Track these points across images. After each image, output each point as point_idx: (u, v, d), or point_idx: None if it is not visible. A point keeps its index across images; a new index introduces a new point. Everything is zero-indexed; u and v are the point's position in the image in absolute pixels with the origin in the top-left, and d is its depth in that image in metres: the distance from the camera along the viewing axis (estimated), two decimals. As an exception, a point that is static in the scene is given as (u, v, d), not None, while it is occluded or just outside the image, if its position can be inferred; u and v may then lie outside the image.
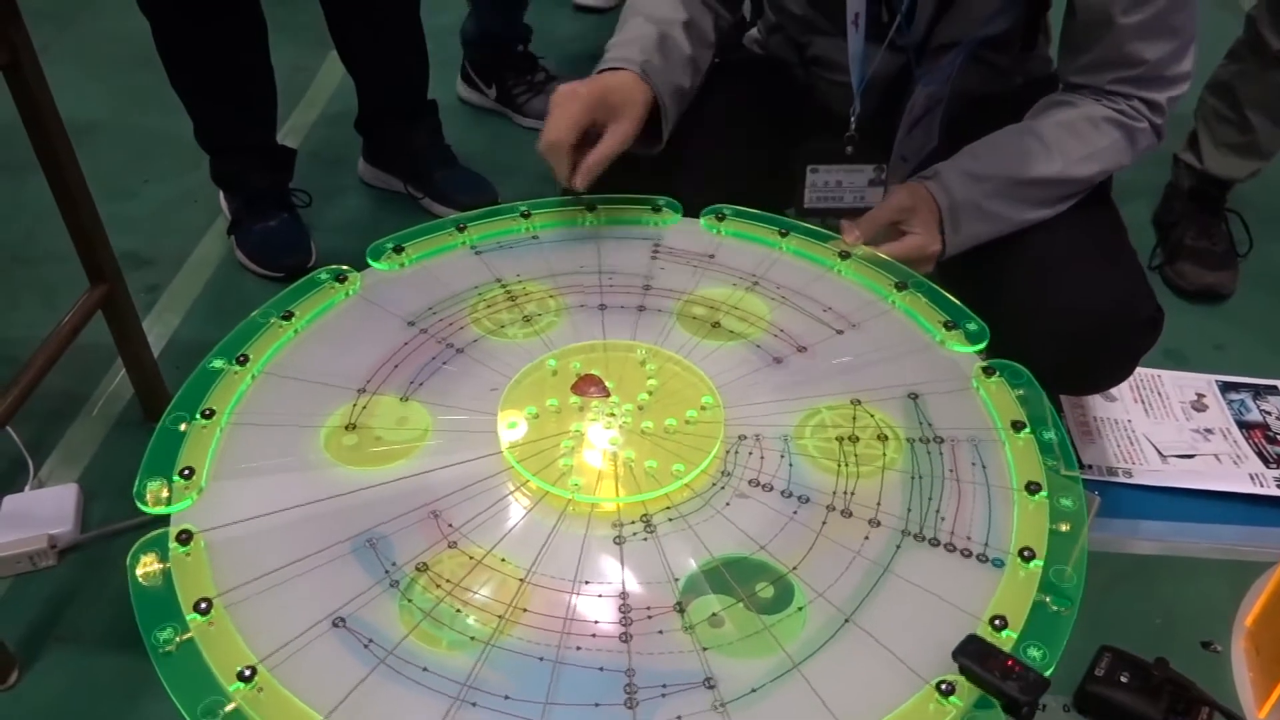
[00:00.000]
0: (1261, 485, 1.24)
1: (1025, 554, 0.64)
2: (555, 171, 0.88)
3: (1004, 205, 0.95)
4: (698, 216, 0.93)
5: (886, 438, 0.73)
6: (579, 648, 0.60)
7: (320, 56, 2.15)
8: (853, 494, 0.69)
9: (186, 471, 0.68)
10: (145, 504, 0.66)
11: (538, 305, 0.85)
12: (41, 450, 1.31)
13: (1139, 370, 1.30)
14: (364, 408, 0.75)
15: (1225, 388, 1.39)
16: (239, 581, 0.62)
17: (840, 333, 0.82)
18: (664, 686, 0.58)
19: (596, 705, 0.57)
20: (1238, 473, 1.26)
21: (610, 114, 0.90)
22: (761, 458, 0.72)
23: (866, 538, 0.66)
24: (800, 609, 0.62)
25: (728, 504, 0.69)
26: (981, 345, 0.81)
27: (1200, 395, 1.38)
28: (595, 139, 0.89)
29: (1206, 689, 1.00)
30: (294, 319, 0.82)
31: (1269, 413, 1.35)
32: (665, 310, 0.84)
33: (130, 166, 1.85)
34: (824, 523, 0.67)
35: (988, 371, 0.77)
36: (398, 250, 0.89)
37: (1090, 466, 1.26)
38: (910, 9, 0.97)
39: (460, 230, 0.92)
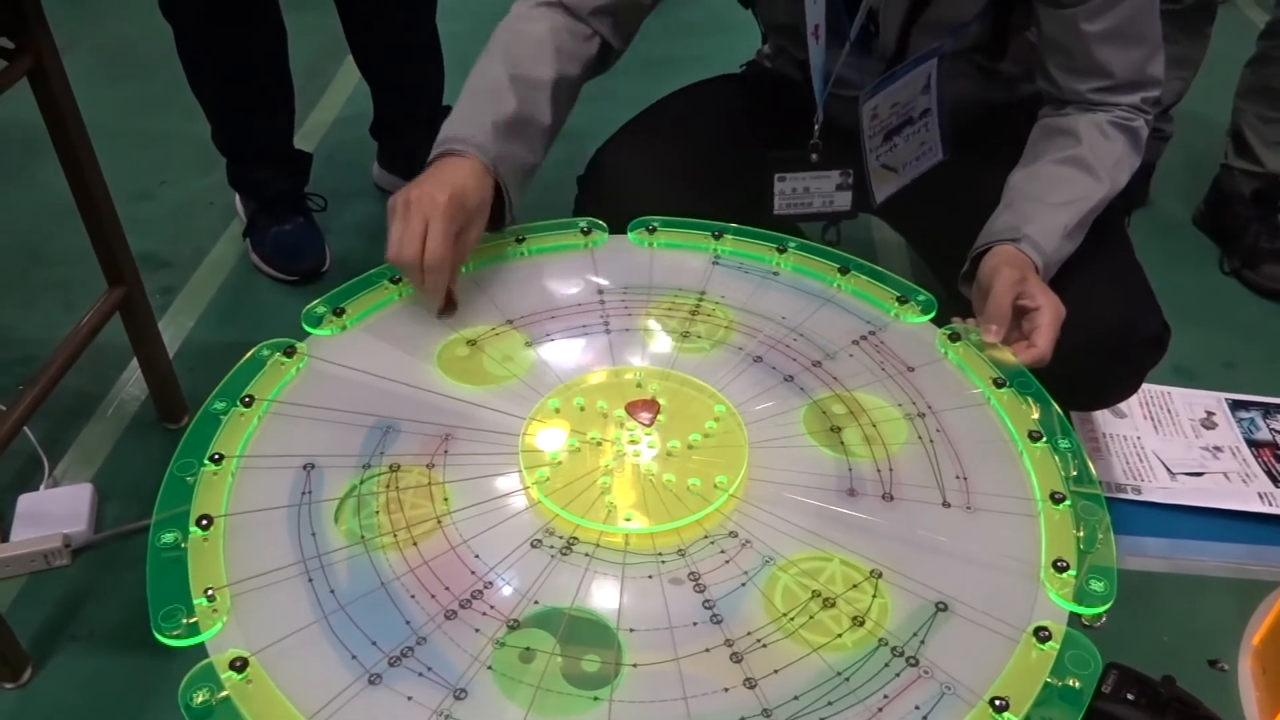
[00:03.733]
0: (1270, 504, 1.24)
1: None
2: (424, 291, 0.83)
3: (1072, 243, 0.93)
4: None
5: (862, 624, 0.62)
6: (413, 596, 0.64)
7: (336, 61, 2.13)
8: (764, 647, 0.61)
9: (340, 310, 0.84)
10: (311, 322, 0.83)
11: (707, 329, 0.84)
12: (57, 449, 1.31)
13: (1148, 387, 1.38)
14: (497, 335, 0.84)
15: (1235, 405, 1.39)
16: (292, 399, 0.76)
17: (947, 506, 0.70)
18: (428, 669, 0.60)
19: (374, 643, 0.61)
20: (1247, 491, 1.26)
21: (465, 220, 0.84)
22: (726, 563, 0.66)
23: (725, 690, 0.59)
24: (595, 699, 0.58)
25: (649, 576, 0.65)
26: (1095, 612, 0.63)
27: (1210, 413, 1.38)
28: None
29: (1213, 708, 0.98)
30: (525, 244, 0.92)
31: (1278, 431, 1.35)
32: (807, 392, 0.79)
33: (147, 169, 1.86)
34: (705, 650, 0.61)
35: (1040, 635, 0.60)
36: (651, 230, 0.94)
37: (1099, 483, 1.08)
38: (867, 20, 0.98)
39: (716, 237, 0.93)
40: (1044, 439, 0.73)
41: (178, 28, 1.46)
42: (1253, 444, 1.32)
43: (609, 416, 0.75)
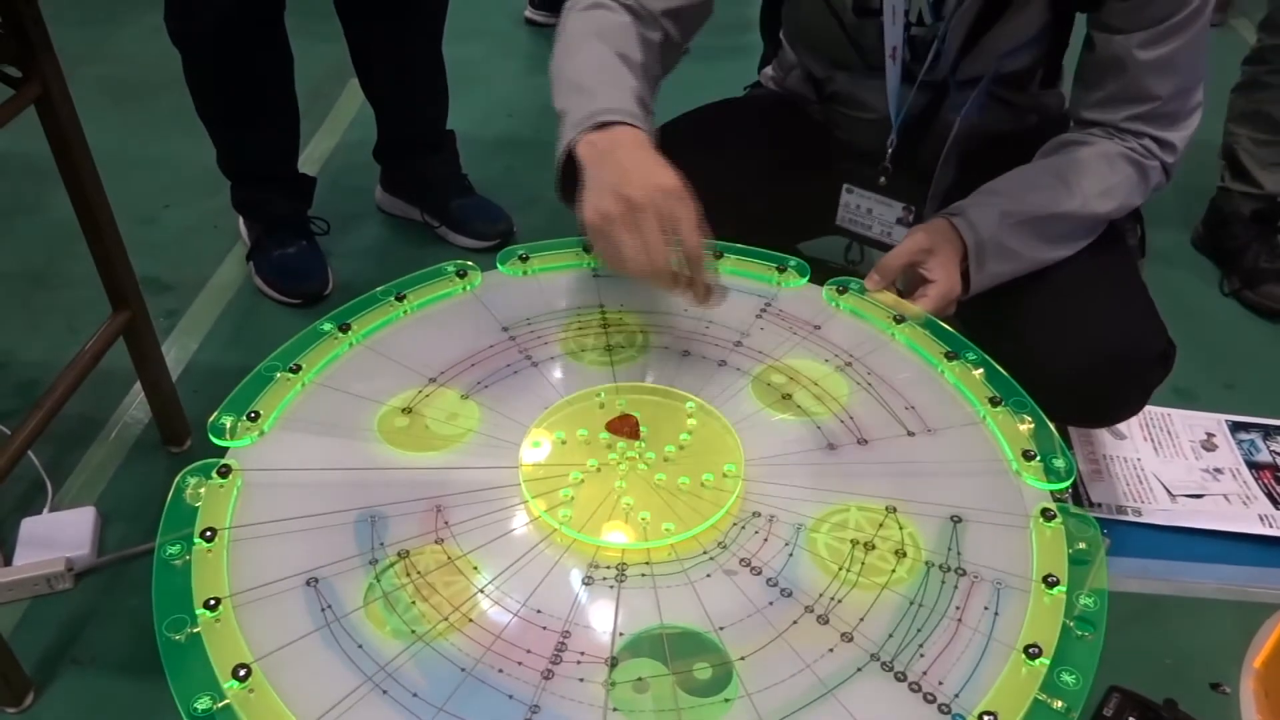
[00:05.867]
0: (1271, 526, 1.25)
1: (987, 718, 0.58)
2: (670, 290, 0.80)
3: (1026, 243, 0.95)
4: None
5: (904, 554, 0.69)
6: (501, 670, 0.61)
7: (340, 84, 2.20)
8: (839, 602, 0.66)
9: (253, 415, 0.76)
10: (218, 434, 0.75)
11: (625, 338, 0.87)
12: (60, 473, 1.31)
13: (1149, 409, 1.36)
14: (427, 396, 0.80)
15: (1235, 427, 1.39)
16: (251, 519, 0.69)
17: (911, 435, 0.78)
18: (558, 732, 0.58)
19: (488, 729, 0.58)
20: (1247, 513, 1.26)
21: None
22: (765, 540, 0.70)
23: (830, 650, 0.63)
24: (727, 700, 0.60)
25: (708, 575, 0.67)
26: (1063, 485, 0.73)
27: (1210, 434, 1.38)
28: None
29: (1216, 730, 1.01)
30: (405, 302, 0.89)
31: (1279, 453, 1.35)
32: (744, 371, 0.83)
33: (152, 192, 1.88)
34: (794, 623, 0.64)
35: (1046, 515, 0.70)
36: (523, 259, 0.94)
37: (1099, 505, 1.27)
38: (940, 45, 0.99)
39: (587, 251, 0.95)
40: (957, 358, 0.83)
41: (185, 52, 1.45)
42: (1253, 466, 1.32)
43: (593, 441, 0.76)
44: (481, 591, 0.66)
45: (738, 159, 1.09)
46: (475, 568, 0.67)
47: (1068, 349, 0.92)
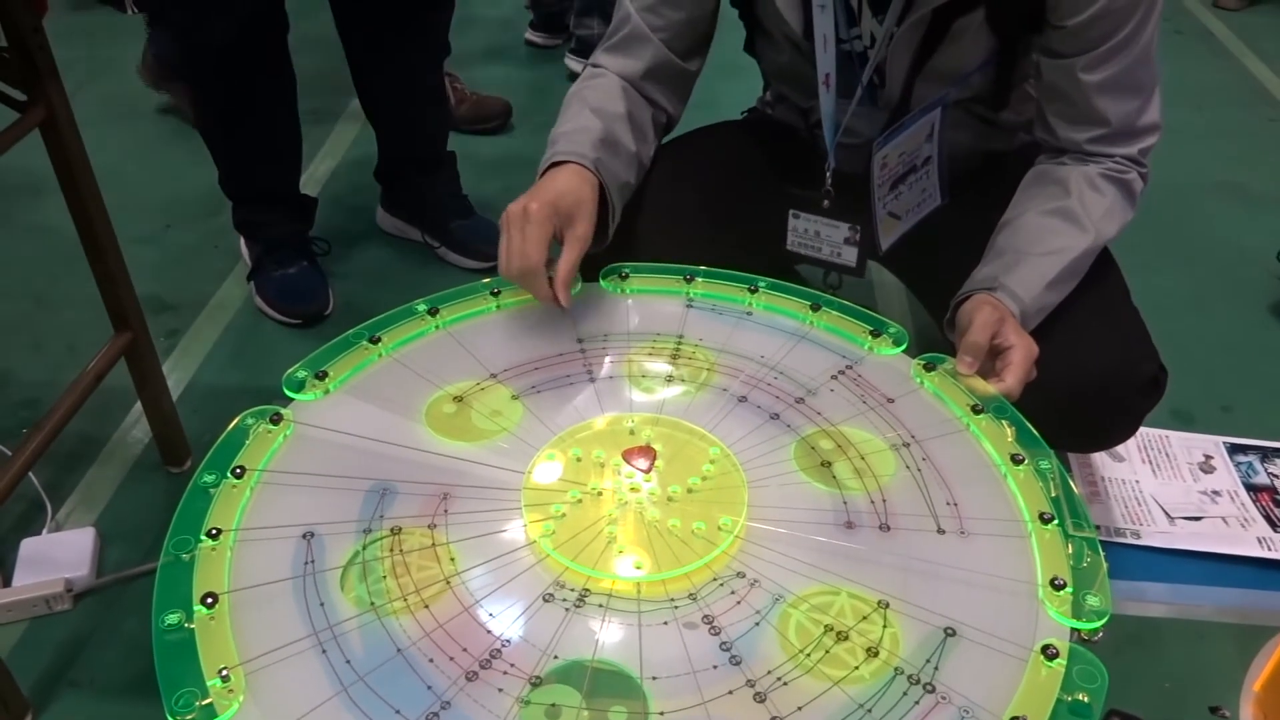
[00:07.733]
0: (1269, 549, 1.24)
1: None
2: (535, 294, 0.89)
3: (1056, 295, 0.94)
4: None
5: (876, 654, 0.64)
6: (431, 659, 0.63)
7: (341, 105, 2.20)
8: (785, 685, 0.62)
9: (322, 374, 0.83)
10: (293, 387, 0.82)
11: (690, 372, 0.86)
12: (59, 493, 1.31)
13: (1146, 431, 1.36)
14: (482, 389, 0.84)
15: (1233, 449, 1.38)
16: (283, 467, 0.75)
17: (941, 532, 0.72)
18: (457, 733, 0.59)
19: (397, 711, 0.60)
20: (1245, 536, 1.25)
21: (565, 220, 0.90)
22: (738, 603, 0.67)
23: (753, 731, 0.60)
24: (628, 751, 0.59)
25: (664, 623, 0.66)
26: (1092, 627, 0.65)
27: (1208, 457, 1.37)
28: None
29: (1216, 756, 0.96)
30: (500, 297, 0.93)
31: (1277, 475, 1.35)
32: (794, 429, 0.80)
33: (153, 211, 1.88)
34: (729, 692, 0.62)
35: (1048, 653, 0.63)
36: (623, 276, 0.96)
37: (1097, 527, 1.19)
38: (878, 70, 1.01)
39: (688, 280, 0.95)
40: (1025, 461, 0.76)
41: (192, 79, 1.51)
42: (1251, 488, 1.32)
43: (606, 465, 0.76)
44: (446, 581, 0.68)
45: (709, 187, 1.11)
46: (453, 558, 0.70)
47: (1058, 374, 0.88)
